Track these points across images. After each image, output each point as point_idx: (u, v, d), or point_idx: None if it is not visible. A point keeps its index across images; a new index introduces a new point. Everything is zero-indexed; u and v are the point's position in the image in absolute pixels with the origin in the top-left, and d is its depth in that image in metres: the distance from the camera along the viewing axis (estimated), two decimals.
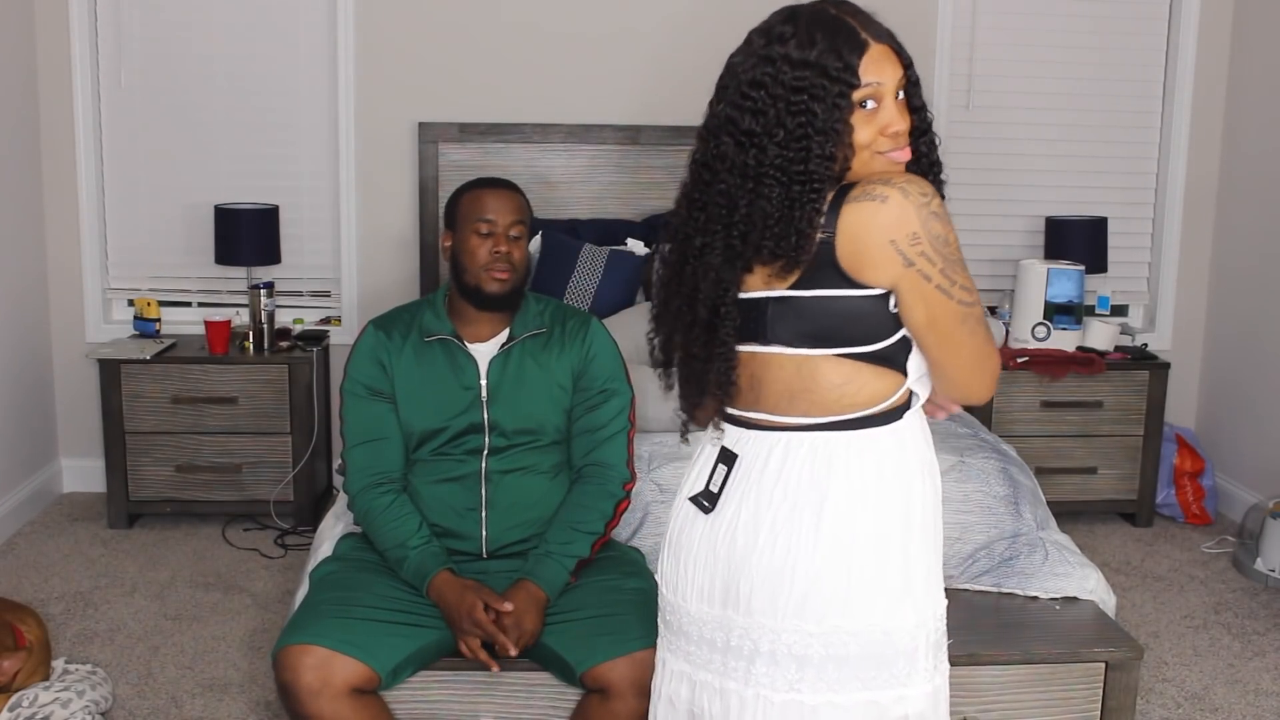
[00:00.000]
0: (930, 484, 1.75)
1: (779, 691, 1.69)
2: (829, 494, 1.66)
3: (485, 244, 2.50)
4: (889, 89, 1.62)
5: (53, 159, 4.31)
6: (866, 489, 1.68)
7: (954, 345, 1.65)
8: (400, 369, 2.54)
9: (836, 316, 1.64)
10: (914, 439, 1.73)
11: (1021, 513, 2.88)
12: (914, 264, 1.59)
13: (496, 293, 2.52)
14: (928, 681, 1.72)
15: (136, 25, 4.29)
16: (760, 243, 1.62)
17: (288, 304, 4.45)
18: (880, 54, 1.61)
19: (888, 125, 1.62)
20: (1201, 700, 3.14)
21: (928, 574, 1.73)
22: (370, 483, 2.53)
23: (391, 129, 4.35)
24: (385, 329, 2.59)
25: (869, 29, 1.62)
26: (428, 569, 2.40)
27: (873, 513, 1.68)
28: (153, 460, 4.08)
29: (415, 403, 2.53)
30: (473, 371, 2.53)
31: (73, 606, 3.53)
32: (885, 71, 1.61)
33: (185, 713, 2.97)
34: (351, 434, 2.57)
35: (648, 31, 4.33)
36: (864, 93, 1.60)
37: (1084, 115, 4.55)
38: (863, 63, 1.59)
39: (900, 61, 1.63)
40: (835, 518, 1.66)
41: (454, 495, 2.51)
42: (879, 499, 1.68)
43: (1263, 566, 3.86)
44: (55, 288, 4.38)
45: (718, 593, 1.73)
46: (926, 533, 1.74)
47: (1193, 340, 4.72)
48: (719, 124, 1.65)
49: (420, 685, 2.40)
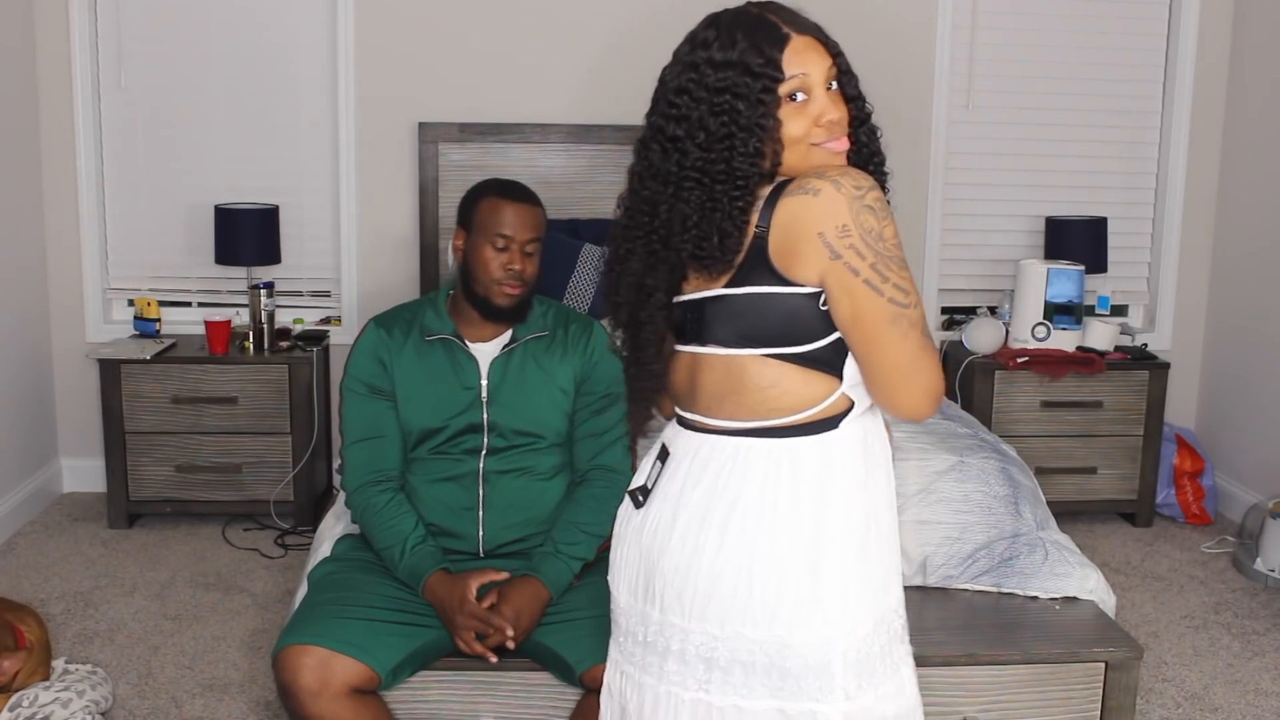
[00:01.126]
0: (859, 500, 1.67)
1: (688, 690, 1.69)
2: (739, 500, 1.65)
3: (499, 258, 2.48)
4: (817, 79, 1.61)
5: (53, 159, 4.31)
6: (779, 499, 1.64)
7: (880, 346, 1.58)
8: (401, 367, 2.54)
9: (768, 315, 1.62)
10: (845, 450, 1.66)
11: (1021, 513, 2.88)
12: (841, 256, 1.55)
13: (505, 307, 2.52)
14: (847, 700, 1.65)
15: (136, 25, 4.29)
16: (680, 245, 1.62)
17: (288, 304, 4.45)
18: (804, 45, 1.61)
19: (820, 115, 1.61)
20: (1201, 700, 3.14)
21: (845, 591, 1.64)
22: (368, 480, 2.53)
23: (391, 129, 4.35)
24: (386, 327, 2.58)
25: (792, 23, 1.63)
26: (422, 569, 2.41)
27: (781, 524, 1.64)
28: (153, 460, 4.08)
29: (415, 401, 2.53)
30: (473, 371, 2.53)
31: (73, 606, 3.53)
32: (810, 62, 1.61)
33: (185, 713, 2.97)
34: (350, 431, 2.57)
35: (648, 32, 4.32)
36: (790, 85, 1.59)
37: (1084, 115, 4.55)
38: (785, 55, 1.59)
39: (828, 51, 1.63)
40: (741, 525, 1.64)
41: (451, 494, 2.52)
42: (790, 510, 1.64)
43: (1263, 566, 3.87)
44: (55, 288, 4.38)
45: (640, 587, 1.74)
46: (846, 549, 1.65)
47: (1193, 340, 4.73)
48: (650, 134, 1.68)
49: (420, 685, 2.40)
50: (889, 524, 1.73)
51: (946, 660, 2.50)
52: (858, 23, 4.41)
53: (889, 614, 1.72)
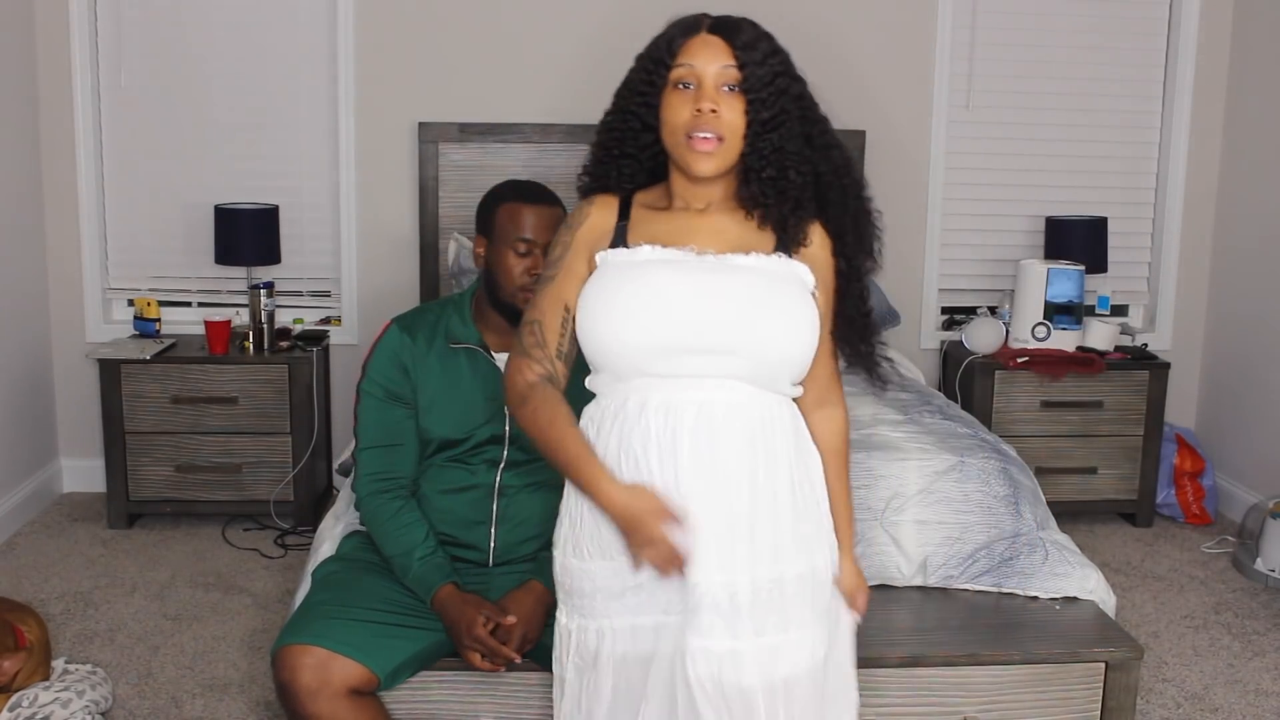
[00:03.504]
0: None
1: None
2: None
3: (523, 263, 2.42)
4: (708, 74, 1.76)
5: (53, 159, 4.31)
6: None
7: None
8: (424, 375, 2.47)
9: None
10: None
11: (1021, 513, 2.88)
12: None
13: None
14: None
15: (136, 25, 4.29)
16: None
17: (288, 304, 4.45)
18: (707, 42, 1.77)
19: (698, 104, 1.75)
20: (1201, 700, 3.14)
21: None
22: (379, 487, 2.48)
23: (391, 129, 4.35)
24: (410, 331, 2.50)
25: (720, 28, 1.78)
26: (432, 581, 2.37)
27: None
28: (153, 460, 4.07)
29: (437, 410, 2.47)
30: (498, 381, 2.44)
31: (73, 606, 3.53)
32: (702, 57, 1.77)
33: (185, 713, 2.97)
34: (365, 436, 2.51)
35: (648, 32, 4.32)
36: (679, 73, 1.77)
37: (1084, 115, 4.56)
38: (686, 45, 1.78)
39: (732, 55, 1.76)
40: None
41: (464, 506, 2.47)
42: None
43: (1263, 566, 3.87)
44: (55, 288, 4.38)
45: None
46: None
47: (1193, 340, 4.73)
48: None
49: (420, 685, 2.40)
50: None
51: (946, 660, 2.50)
52: (858, 23, 4.41)
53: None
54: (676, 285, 1.75)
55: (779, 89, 1.78)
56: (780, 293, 1.77)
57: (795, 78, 1.82)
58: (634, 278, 1.78)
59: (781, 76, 1.78)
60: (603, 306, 1.78)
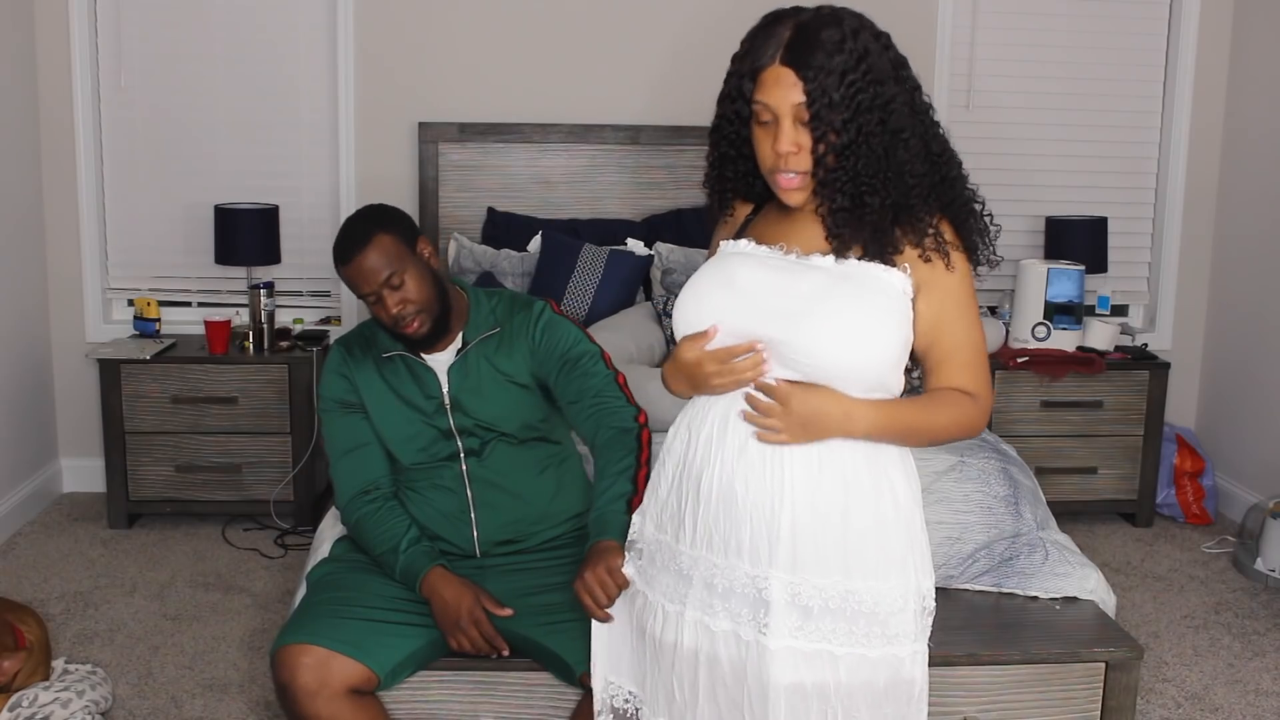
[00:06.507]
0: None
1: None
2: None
3: (378, 308, 2.47)
4: (784, 113, 1.72)
5: (53, 159, 4.31)
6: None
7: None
8: (365, 384, 2.55)
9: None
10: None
11: (1021, 513, 2.88)
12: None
13: (422, 336, 2.48)
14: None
15: (136, 25, 4.29)
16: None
17: (288, 304, 4.45)
18: (779, 77, 1.72)
19: (777, 144, 1.73)
20: (1201, 700, 3.14)
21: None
22: (358, 491, 2.54)
23: (391, 129, 4.35)
24: (347, 346, 2.60)
25: (791, 57, 1.71)
26: (419, 567, 2.40)
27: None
28: (153, 460, 4.08)
29: (383, 413, 2.54)
30: (433, 382, 2.52)
31: (73, 606, 3.53)
32: (775, 95, 1.72)
33: (185, 713, 2.97)
34: (333, 447, 2.58)
35: (648, 32, 4.33)
36: (758, 109, 1.75)
37: (1084, 115, 4.55)
38: (760, 81, 1.73)
39: (805, 94, 1.70)
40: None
41: (442, 501, 2.52)
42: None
43: (1263, 566, 3.86)
44: (55, 288, 4.38)
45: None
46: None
47: (1193, 340, 4.72)
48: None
49: (420, 685, 2.40)
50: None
51: (947, 660, 2.50)
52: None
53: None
54: (747, 277, 1.80)
55: (858, 107, 1.70)
56: (842, 294, 1.75)
57: (880, 83, 1.73)
58: (720, 267, 1.84)
59: (863, 92, 1.70)
60: (688, 286, 1.86)
